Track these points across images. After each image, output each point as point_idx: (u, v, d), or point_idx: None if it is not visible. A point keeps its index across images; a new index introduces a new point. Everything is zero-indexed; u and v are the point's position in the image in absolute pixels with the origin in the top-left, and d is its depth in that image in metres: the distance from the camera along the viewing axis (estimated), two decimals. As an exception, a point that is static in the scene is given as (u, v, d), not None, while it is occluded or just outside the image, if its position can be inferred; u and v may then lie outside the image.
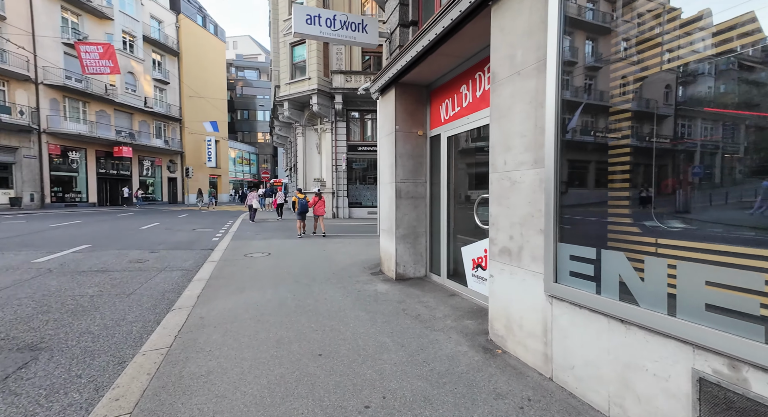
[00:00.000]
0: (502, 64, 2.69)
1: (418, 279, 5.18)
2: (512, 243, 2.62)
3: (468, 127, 4.13)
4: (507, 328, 2.71)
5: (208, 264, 6.44)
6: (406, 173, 5.11)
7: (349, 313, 3.79)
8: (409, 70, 4.42)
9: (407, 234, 5.15)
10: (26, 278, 5.21)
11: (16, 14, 20.01)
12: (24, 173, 20.84)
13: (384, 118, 5.56)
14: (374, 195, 18.39)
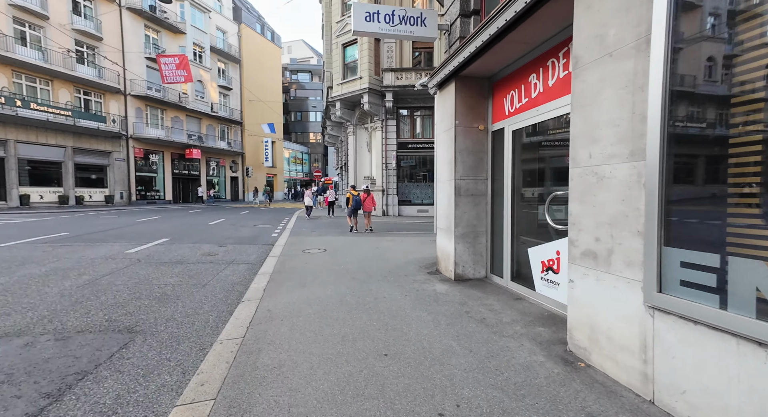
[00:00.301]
0: (588, 46, 2.41)
1: (478, 280, 4.96)
2: (599, 245, 2.35)
3: (537, 119, 3.83)
4: (591, 339, 2.44)
5: (270, 259, 6.77)
6: (465, 170, 4.90)
7: (410, 312, 3.72)
8: (471, 62, 4.21)
9: (466, 233, 4.95)
10: (121, 267, 5.88)
11: (110, 34, 22.84)
12: (115, 174, 23.81)
13: (442, 114, 5.40)
14: (424, 193, 18.19)
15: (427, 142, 17.67)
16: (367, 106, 16.67)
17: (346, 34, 17.24)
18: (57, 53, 20.09)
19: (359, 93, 16.76)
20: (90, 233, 9.69)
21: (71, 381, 2.45)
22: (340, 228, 12.22)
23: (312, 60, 56.37)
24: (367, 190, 11.49)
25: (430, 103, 17.11)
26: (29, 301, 4.07)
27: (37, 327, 3.35)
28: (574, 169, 2.57)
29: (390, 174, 17.76)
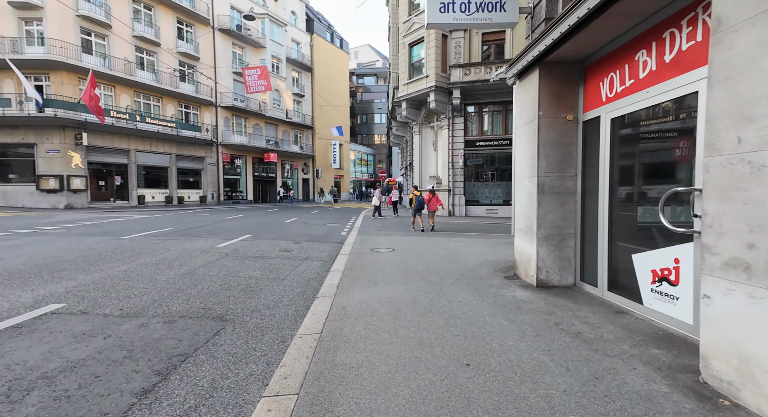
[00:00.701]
0: (739, 2, 1.92)
1: (564, 288, 4.44)
2: (753, 254, 1.85)
3: (646, 103, 3.26)
4: (741, 372, 1.94)
5: (341, 256, 6.95)
6: (550, 165, 4.43)
7: (490, 319, 3.44)
8: (560, 45, 3.76)
9: (551, 235, 4.46)
10: (213, 260, 6.53)
11: (204, 53, 25.97)
12: (208, 177, 26.98)
13: (522, 105, 4.96)
14: (493, 192, 17.29)
15: (496, 139, 16.77)
16: (434, 104, 16.38)
17: (413, 34, 17.16)
18: (165, 74, 23.44)
19: (425, 92, 16.54)
20: (188, 229, 11.02)
21: (176, 362, 2.70)
22: (405, 228, 12.16)
23: (377, 63, 57.59)
24: (432, 190, 11.51)
25: (501, 98, 16.20)
26: (143, 286, 4.69)
27: (150, 310, 3.82)
28: (711, 158, 2.08)
29: (457, 173, 17.21)
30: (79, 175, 19.52)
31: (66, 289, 4.44)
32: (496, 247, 8.24)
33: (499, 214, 16.91)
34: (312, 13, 39.09)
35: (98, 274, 5.19)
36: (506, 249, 7.86)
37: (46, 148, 18.93)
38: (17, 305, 3.81)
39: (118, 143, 21.27)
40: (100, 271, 5.42)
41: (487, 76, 15.42)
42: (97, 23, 19.99)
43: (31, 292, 4.25)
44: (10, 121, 18.25)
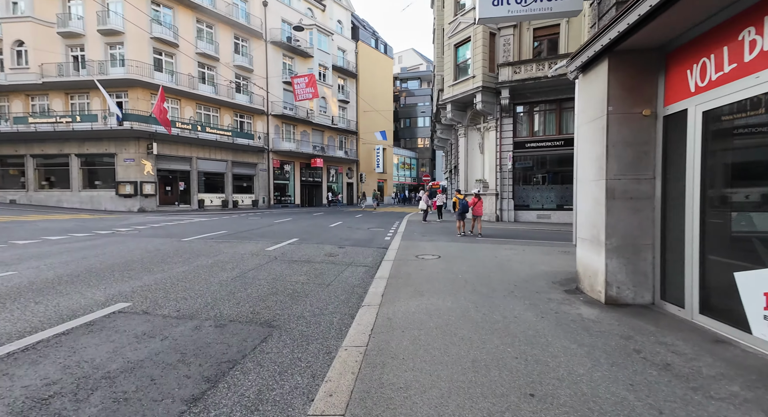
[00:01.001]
0: None
1: (641, 307, 3.88)
2: None
3: (754, 90, 2.72)
4: None
5: (385, 263, 6.81)
6: (622, 167, 3.92)
7: (553, 341, 3.06)
8: (637, 30, 3.30)
9: (623, 246, 3.94)
10: (262, 263, 6.72)
11: (257, 65, 27.57)
12: (259, 182, 28.50)
13: (587, 101, 4.48)
14: (545, 196, 16.23)
15: (549, 139, 15.74)
16: (480, 105, 15.79)
17: (459, 34, 16.74)
18: (223, 86, 25.24)
19: (472, 92, 16.01)
20: (241, 232, 11.59)
21: (225, 368, 2.70)
22: (450, 233, 11.76)
23: (421, 66, 57.37)
24: (477, 194, 11.49)
25: (554, 96, 15.21)
26: (199, 288, 4.90)
27: (203, 312, 3.95)
28: None
29: (505, 176, 16.41)
30: (150, 181, 21.57)
31: (132, 288, 4.77)
32: (551, 256, 7.60)
33: (552, 219, 15.82)
34: (357, 20, 39.97)
35: (160, 275, 5.54)
36: (563, 258, 7.22)
37: (124, 157, 21.17)
38: (92, 303, 4.14)
39: (182, 151, 23.21)
40: (162, 271, 5.79)
41: (539, 74, 14.57)
42: (166, 43, 22.05)
43: (103, 291, 4.62)
44: (97, 134, 20.69)
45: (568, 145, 15.15)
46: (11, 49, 20.88)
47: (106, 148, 21.31)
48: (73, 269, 5.77)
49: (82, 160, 21.86)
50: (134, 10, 20.01)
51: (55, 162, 22.14)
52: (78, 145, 21.46)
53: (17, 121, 20.68)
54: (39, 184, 22.40)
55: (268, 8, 28.28)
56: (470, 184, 18.34)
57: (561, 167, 16.24)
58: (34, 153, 21.89)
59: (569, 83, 14.68)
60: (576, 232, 4.91)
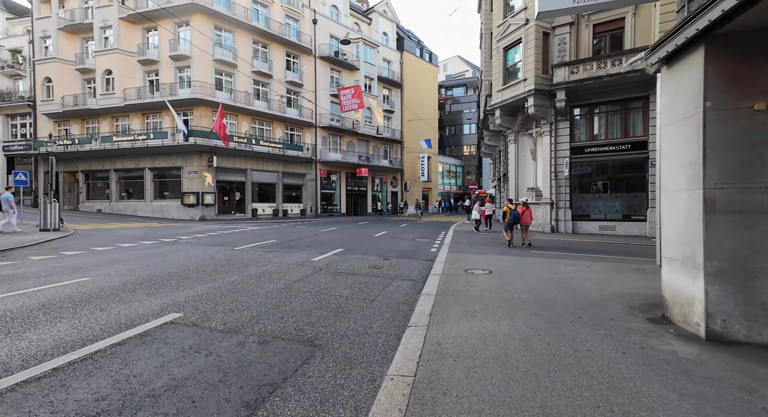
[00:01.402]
0: None
1: (757, 346, 3.13)
2: None
3: None
4: None
5: (432, 277, 6.45)
6: (725, 173, 3.24)
7: (644, 387, 2.52)
8: (748, 6, 2.70)
9: (729, 270, 3.23)
10: (307, 274, 6.70)
11: (306, 80, 28.84)
12: (307, 192, 29.51)
13: (673, 97, 3.83)
14: (608, 206, 14.75)
15: (612, 143, 14.34)
16: (533, 109, 14.87)
17: (508, 37, 16.04)
18: (275, 101, 26.69)
19: (523, 96, 15.17)
20: (289, 241, 11.87)
21: (265, 393, 2.55)
22: (500, 245, 11.04)
23: (467, 73, 56.37)
24: (525, 203, 11.19)
25: (618, 96, 13.88)
26: (246, 300, 4.93)
27: (248, 327, 3.90)
28: None
29: (561, 184, 15.21)
30: (210, 191, 23.25)
31: (185, 298, 4.92)
32: (622, 274, 6.71)
33: (618, 231, 14.29)
34: (402, 31, 40.39)
35: (212, 285, 5.70)
36: (639, 278, 6.31)
37: (188, 170, 23.08)
38: (148, 312, 4.30)
39: (238, 164, 24.78)
40: (214, 281, 5.97)
41: (601, 72, 13.40)
42: (226, 64, 23.88)
43: (160, 300, 4.81)
44: (166, 150, 22.83)
45: (636, 149, 13.71)
46: (102, 77, 23.93)
47: (173, 161, 23.40)
48: (137, 277, 6.16)
49: (154, 173, 24.22)
50: (200, 36, 21.96)
51: (133, 175, 24.78)
52: (151, 159, 23.83)
53: (104, 139, 23.51)
54: (120, 195, 25.17)
55: (318, 25, 29.57)
56: (521, 193, 17.28)
57: (626, 173, 14.70)
58: (117, 167, 24.70)
59: (637, 80, 13.29)
60: (660, 249, 4.19)
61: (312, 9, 29.34)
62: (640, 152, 13.72)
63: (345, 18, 32.63)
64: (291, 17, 28.05)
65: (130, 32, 23.46)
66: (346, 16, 32.76)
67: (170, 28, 22.81)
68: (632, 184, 14.50)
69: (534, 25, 14.55)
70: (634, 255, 9.38)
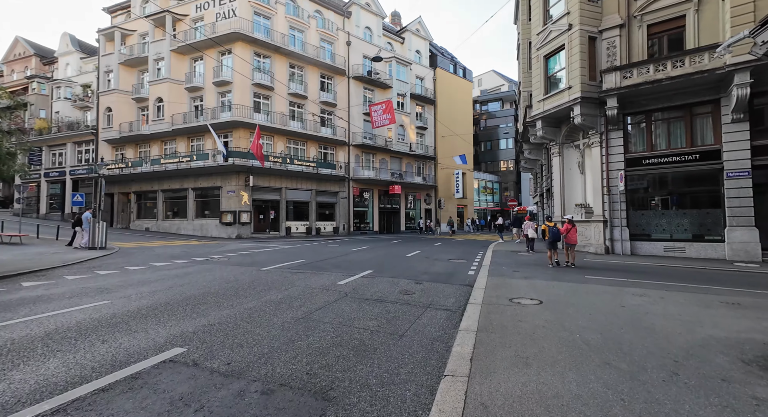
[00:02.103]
0: None
1: None
2: None
3: None
4: None
5: (471, 307, 5.59)
6: None
7: None
8: None
9: None
10: (331, 301, 6.11)
11: (340, 99, 29.35)
12: (340, 210, 29.48)
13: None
14: (674, 224, 13.01)
15: (675, 153, 12.74)
16: (579, 118, 13.68)
17: (549, 44, 15.13)
18: (309, 121, 27.30)
19: (568, 105, 14.04)
20: (318, 261, 11.45)
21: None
22: (548, 268, 9.84)
23: (503, 87, 55.15)
24: (570, 220, 10.65)
25: (681, 100, 12.41)
26: (259, 332, 4.40)
27: (254, 369, 3.33)
28: None
29: (615, 199, 13.67)
30: (246, 210, 23.81)
31: (195, 328, 4.48)
32: (712, 309, 5.45)
33: (688, 253, 12.44)
34: (435, 49, 40.47)
35: (228, 312, 5.27)
36: (737, 316, 5.05)
37: (227, 189, 23.89)
38: (150, 345, 3.88)
39: (273, 182, 25.32)
40: (231, 307, 5.54)
41: (659, 76, 12.06)
42: (264, 87, 24.90)
43: (167, 329, 4.40)
44: (207, 170, 23.88)
45: (707, 159, 12.05)
46: (154, 105, 25.85)
47: (213, 181, 24.37)
48: (156, 301, 5.89)
49: (196, 193, 25.35)
50: (240, 62, 23.14)
51: (177, 195, 26.12)
52: (194, 180, 25.01)
53: (153, 162, 25.12)
54: (165, 214, 26.55)
55: (351, 47, 30.29)
56: (567, 209, 15.80)
57: (695, 187, 12.91)
58: (164, 188, 26.19)
59: (704, 83, 11.74)
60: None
61: (346, 32, 30.18)
62: (712, 163, 11.99)
63: (378, 38, 33.24)
64: (326, 40, 28.98)
65: (179, 63, 25.30)
66: (379, 37, 33.37)
67: (214, 57, 24.30)
68: (702, 199, 12.67)
69: (579, 30, 13.58)
70: (718, 282, 7.85)
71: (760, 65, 10.50)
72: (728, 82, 11.27)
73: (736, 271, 9.79)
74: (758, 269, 9.94)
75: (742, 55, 10.67)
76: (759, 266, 10.37)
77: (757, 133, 11.45)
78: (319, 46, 28.17)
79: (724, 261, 11.46)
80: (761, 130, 11.49)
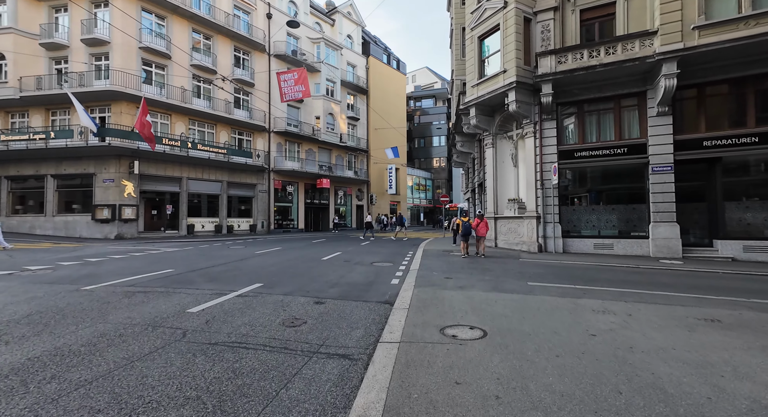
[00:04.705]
0: None
1: None
2: None
3: None
4: None
5: (382, 349, 3.43)
6: None
7: None
8: None
9: None
10: (153, 349, 3.46)
11: (259, 80, 25.54)
12: (258, 205, 25.75)
13: None
14: (602, 220, 12.56)
15: (604, 147, 12.27)
16: (514, 105, 12.59)
17: (484, 23, 13.87)
18: (220, 101, 23.12)
19: (502, 90, 12.88)
20: (195, 270, 8.45)
21: None
22: (484, 271, 8.26)
23: (436, 84, 55.48)
24: (480, 214, 11.88)
25: (612, 91, 11.93)
26: None
27: None
28: None
29: (548, 194, 12.89)
30: (130, 204, 19.03)
31: None
32: (700, 333, 4.02)
33: (616, 250, 12.06)
34: (368, 36, 38.41)
35: None
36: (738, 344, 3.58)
37: (103, 177, 18.83)
38: None
39: (170, 171, 20.80)
40: None
41: (593, 62, 11.36)
42: (157, 54, 20.19)
43: None
44: (75, 153, 18.51)
45: (634, 153, 11.65)
46: (-6, 63, 19.35)
47: (84, 167, 19.07)
48: None
49: (58, 181, 19.65)
50: (122, 18, 18.26)
51: (31, 185, 20.05)
52: (55, 165, 19.35)
53: (-9, 138, 18.78)
54: (13, 209, 20.23)
55: (273, 21, 26.64)
56: (500, 205, 14.85)
57: (622, 181, 12.66)
58: (10, 174, 19.86)
59: (634, 72, 11.30)
60: None
61: (266, 2, 26.42)
62: (639, 157, 11.69)
63: (305, 16, 30.01)
64: (240, 8, 24.95)
65: (31, 9, 19.26)
66: (306, 14, 30.16)
67: (85, 6, 18.93)
68: (629, 194, 12.44)
69: (514, 8, 12.45)
70: (666, 287, 6.88)
71: (687, 56, 10.23)
72: (655, 74, 10.94)
73: (668, 269, 9.28)
74: (683, 266, 9.59)
75: (672, 44, 10.32)
76: (682, 263, 10.11)
77: (680, 127, 11.36)
78: (232, 13, 24.09)
79: (648, 258, 11.18)
80: (684, 125, 11.43)
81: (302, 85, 18.50)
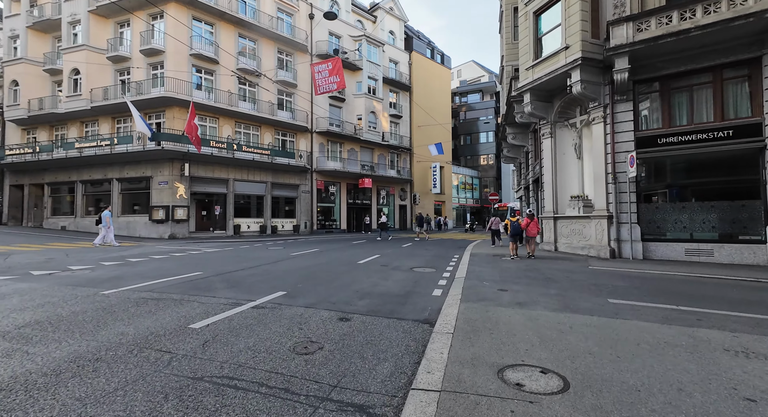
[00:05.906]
0: None
1: None
2: None
3: None
4: None
5: (414, 403, 2.33)
6: None
7: None
8: None
9: None
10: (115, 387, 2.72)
11: (302, 80, 25.62)
12: (302, 205, 25.83)
13: None
14: (696, 220, 10.26)
15: (700, 130, 9.97)
16: (579, 86, 10.73)
17: (540, -5, 12.12)
18: (265, 103, 23.48)
19: (565, 71, 11.08)
20: (224, 273, 8.01)
21: None
22: (546, 280, 6.78)
23: (483, 78, 52.73)
24: (530, 214, 11.14)
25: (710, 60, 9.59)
26: None
27: None
28: None
29: (622, 190, 10.84)
30: (182, 205, 19.83)
31: None
32: None
33: (717, 257, 9.71)
34: (411, 31, 37.27)
35: None
36: None
37: (159, 180, 19.84)
38: None
39: (218, 173, 21.44)
40: None
41: (685, 25, 9.22)
42: (206, 60, 20.90)
43: None
44: (135, 157, 19.73)
45: (742, 136, 9.28)
46: (69, 78, 21.24)
47: (143, 171, 20.27)
48: None
49: (122, 184, 21.12)
50: (175, 26, 19.10)
51: (100, 188, 21.80)
52: (119, 169, 20.82)
53: (66, 146, 20.69)
54: (86, 210, 22.15)
55: (315, 21, 26.61)
56: (561, 203, 12.93)
57: (721, 174, 10.22)
58: (84, 179, 21.78)
59: (739, 36, 8.94)
60: None
61: (308, 3, 26.47)
62: (750, 140, 9.27)
63: (347, 14, 29.71)
64: (284, 11, 25.20)
65: (100, 27, 20.92)
66: (348, 12, 29.84)
67: (144, 19, 20.12)
68: (734, 188, 9.98)
69: (579, -28, 10.61)
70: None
71: (827, 5, 7.77)
72: (772, 35, 8.54)
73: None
74: (826, 281, 7.20)
75: (804, -9, 7.92)
76: (821, 276, 7.66)
77: (811, 101, 8.78)
78: (275, 16, 24.38)
79: (765, 268, 8.76)
80: (816, 98, 8.83)
81: (337, 76, 17.85)
